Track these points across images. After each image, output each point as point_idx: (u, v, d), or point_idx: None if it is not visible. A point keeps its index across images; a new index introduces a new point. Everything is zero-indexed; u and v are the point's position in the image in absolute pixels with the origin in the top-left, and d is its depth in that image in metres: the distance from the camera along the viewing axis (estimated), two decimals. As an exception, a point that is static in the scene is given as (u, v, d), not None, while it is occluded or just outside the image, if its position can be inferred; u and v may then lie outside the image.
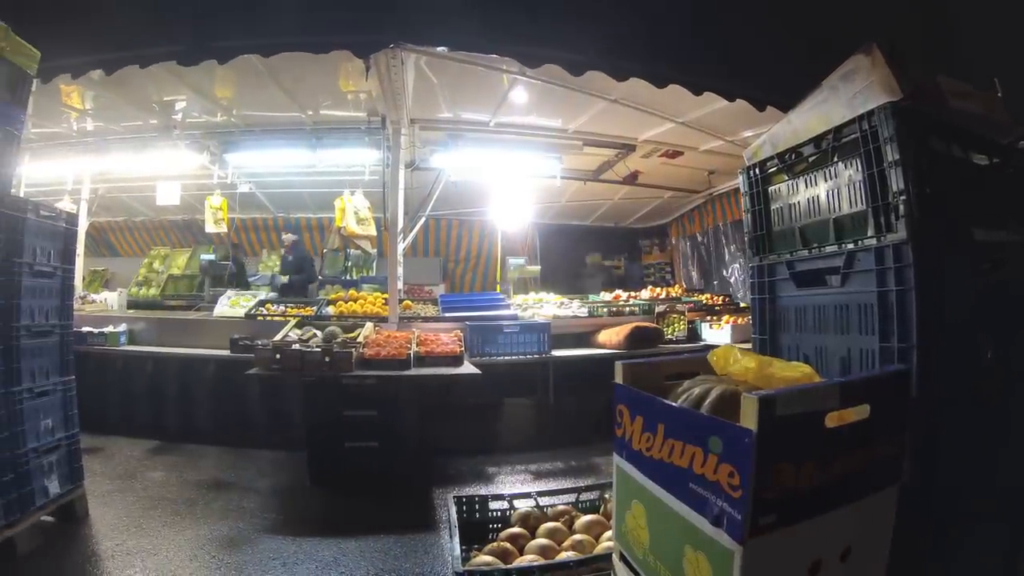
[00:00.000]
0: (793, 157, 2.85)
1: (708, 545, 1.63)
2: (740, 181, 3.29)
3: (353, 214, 7.96)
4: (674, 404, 1.96)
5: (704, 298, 8.73)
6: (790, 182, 2.90)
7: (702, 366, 2.31)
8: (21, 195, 5.58)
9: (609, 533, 3.07)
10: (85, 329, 6.54)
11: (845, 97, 2.57)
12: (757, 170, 3.13)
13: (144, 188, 9.98)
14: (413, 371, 5.05)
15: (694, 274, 11.60)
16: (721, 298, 8.72)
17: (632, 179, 9.03)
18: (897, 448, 1.90)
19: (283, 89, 6.26)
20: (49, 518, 3.93)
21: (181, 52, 4.22)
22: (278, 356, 4.96)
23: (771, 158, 3.02)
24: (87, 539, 3.88)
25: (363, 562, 3.55)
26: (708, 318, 7.35)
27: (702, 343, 6.94)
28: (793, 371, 1.96)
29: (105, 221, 12.09)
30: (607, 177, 9.02)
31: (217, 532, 4.01)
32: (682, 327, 7.12)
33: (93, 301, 8.20)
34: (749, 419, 1.52)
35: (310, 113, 7.15)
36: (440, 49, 4.81)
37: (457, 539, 3.18)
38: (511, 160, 7.84)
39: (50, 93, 6.14)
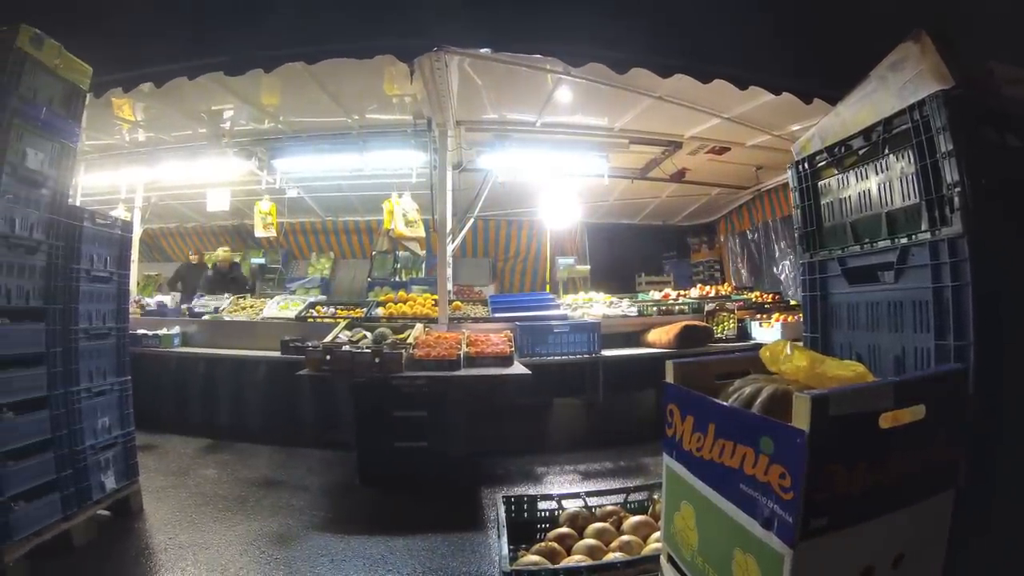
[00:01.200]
0: (843, 150, 2.79)
1: (758, 548, 1.61)
2: (789, 176, 3.24)
3: (401, 216, 8.00)
4: (725, 403, 1.93)
5: (754, 296, 8.57)
6: (840, 176, 2.84)
7: (753, 365, 2.27)
8: (78, 204, 5.77)
9: (657, 534, 3.04)
10: (140, 331, 6.74)
11: (895, 87, 2.50)
12: (806, 164, 3.08)
13: (195, 195, 10.24)
14: (463, 372, 5.07)
15: (743, 272, 11.42)
16: (771, 296, 8.55)
17: (679, 176, 8.91)
18: (953, 450, 1.83)
19: (329, 94, 6.32)
20: (105, 512, 4.06)
21: (228, 63, 4.31)
22: (328, 357, 5.02)
23: (820, 152, 2.96)
24: (141, 533, 4.00)
25: (410, 560, 3.57)
26: (758, 316, 7.21)
27: (752, 342, 6.81)
28: (846, 370, 1.91)
29: (158, 227, 12.41)
30: (654, 175, 8.92)
31: (267, 528, 4.08)
32: (732, 326, 7.02)
33: (148, 305, 8.40)
34: (801, 419, 1.49)
35: (356, 117, 7.20)
36: (483, 51, 4.81)
37: (505, 538, 3.18)
38: (558, 160, 7.80)
39: (102, 106, 6.32)
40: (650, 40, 4.11)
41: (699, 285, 9.70)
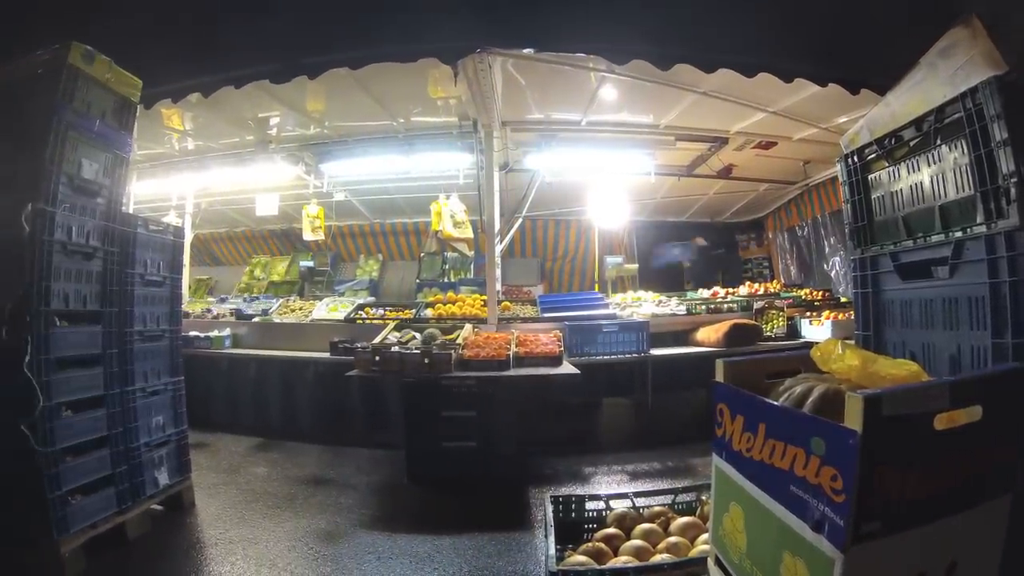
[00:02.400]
0: (893, 142, 2.72)
1: (807, 551, 1.57)
2: (838, 170, 3.17)
3: (449, 217, 8.02)
4: (775, 403, 1.89)
5: (803, 293, 8.39)
6: (891, 168, 2.77)
7: (803, 364, 2.23)
8: (131, 212, 5.97)
9: (705, 536, 3.00)
10: (192, 333, 6.92)
11: (945, 74, 2.42)
12: (855, 157, 3.01)
13: (243, 200, 10.41)
14: (512, 372, 5.08)
15: (793, 268, 11.18)
16: (821, 293, 8.36)
17: (726, 173, 8.79)
18: (1012, 453, 1.76)
19: (373, 99, 6.36)
20: (158, 507, 4.21)
21: (273, 71, 4.39)
22: (378, 358, 5.09)
23: (869, 144, 2.90)
24: (192, 527, 4.13)
25: (457, 559, 3.59)
26: (808, 314, 7.07)
27: (801, 340, 6.68)
28: (899, 369, 1.85)
29: (208, 232, 12.63)
30: (701, 172, 8.79)
31: (315, 525, 4.15)
32: (781, 324, 6.90)
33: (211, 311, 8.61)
34: (853, 419, 1.45)
35: (401, 120, 7.23)
36: (527, 51, 4.81)
37: (553, 538, 3.17)
38: (604, 158, 7.76)
39: (152, 117, 6.52)
40: (693, 35, 4.07)
41: (748, 283, 9.54)
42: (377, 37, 4.20)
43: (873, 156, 2.89)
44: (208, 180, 9.05)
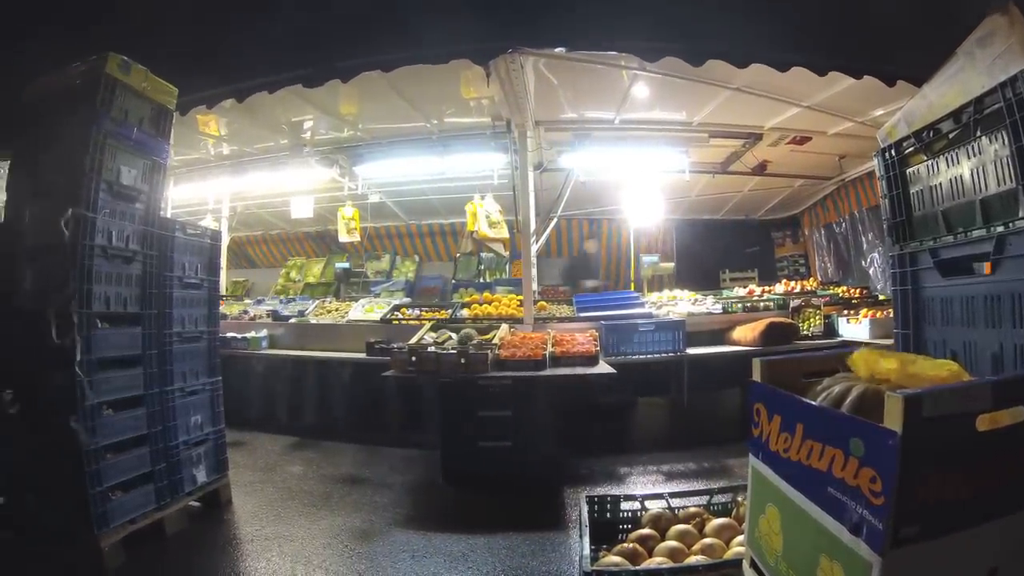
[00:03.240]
0: (931, 135, 2.66)
1: (845, 555, 1.54)
2: (875, 164, 3.11)
3: (485, 218, 8.05)
4: (813, 403, 1.86)
5: (840, 291, 8.24)
6: (929, 162, 2.71)
7: (841, 363, 2.18)
8: (169, 216, 6.11)
9: (740, 538, 2.97)
10: (229, 334, 7.03)
11: (983, 64, 2.36)
12: (892, 151, 2.95)
13: (279, 203, 10.57)
14: (548, 371, 5.08)
15: (830, 266, 10.99)
16: (859, 291, 8.20)
17: (761, 169, 8.70)
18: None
19: (406, 101, 6.40)
20: (196, 503, 4.31)
21: (306, 75, 4.47)
22: (414, 359, 5.13)
23: (907, 137, 2.84)
24: (229, 524, 4.22)
25: (490, 558, 3.60)
26: (845, 312, 6.94)
27: (839, 339, 6.57)
28: (939, 370, 1.81)
29: (244, 235, 12.84)
30: (735, 169, 8.69)
31: (350, 523, 4.21)
32: (818, 322, 6.79)
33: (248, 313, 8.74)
34: (893, 420, 1.42)
35: (435, 122, 7.26)
36: (558, 50, 4.80)
37: (588, 538, 3.16)
38: (638, 156, 7.72)
39: (188, 123, 6.67)
40: (724, 30, 4.03)
41: (784, 280, 9.41)
42: (408, 40, 4.24)
43: (911, 150, 2.83)
44: (243, 184, 9.27)
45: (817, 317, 6.81)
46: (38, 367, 3.47)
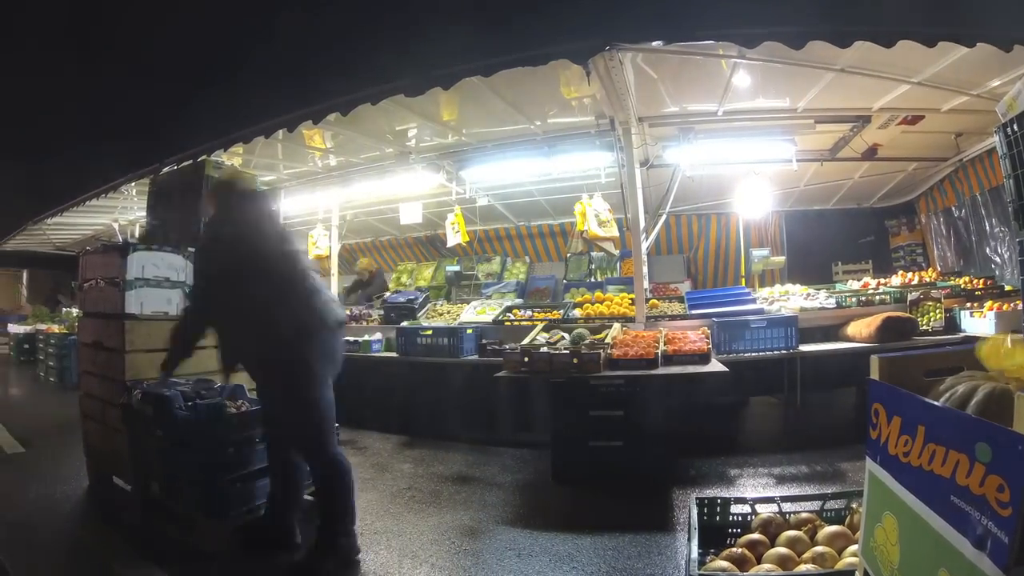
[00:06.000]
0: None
1: (967, 571, 1.42)
2: (996, 141, 2.91)
3: (594, 217, 8.06)
4: (937, 403, 1.75)
5: (962, 282, 7.72)
6: (1060, 139, 2.51)
7: (965, 360, 2.04)
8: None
9: (853, 548, 2.82)
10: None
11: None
12: (1015, 126, 2.76)
13: (387, 210, 10.97)
14: (660, 370, 5.04)
15: (950, 254, 10.29)
16: (983, 281, 7.67)
17: (871, 154, 8.27)
18: None
19: (508, 103, 6.46)
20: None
21: (407, 85, 4.60)
22: (526, 359, 5.21)
23: (1031, 111, 2.64)
24: None
25: (596, 559, 3.59)
26: (968, 305, 6.49)
27: (962, 334, 6.12)
28: (1078, 368, 1.67)
29: (354, 243, 13.32)
30: (844, 155, 8.31)
31: (458, 521, 4.30)
32: (938, 316, 6.37)
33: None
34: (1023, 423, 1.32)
35: (538, 123, 7.29)
36: (655, 44, 4.74)
37: (696, 541, 3.11)
38: (744, 148, 7.58)
39: (296, 139, 7.05)
40: (823, 8, 3.86)
41: (900, 272, 8.95)
42: (505, 43, 4.28)
43: (1038, 126, 2.64)
44: (352, 193, 9.72)
45: (937, 311, 6.41)
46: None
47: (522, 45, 4.27)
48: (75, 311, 13.46)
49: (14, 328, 15.85)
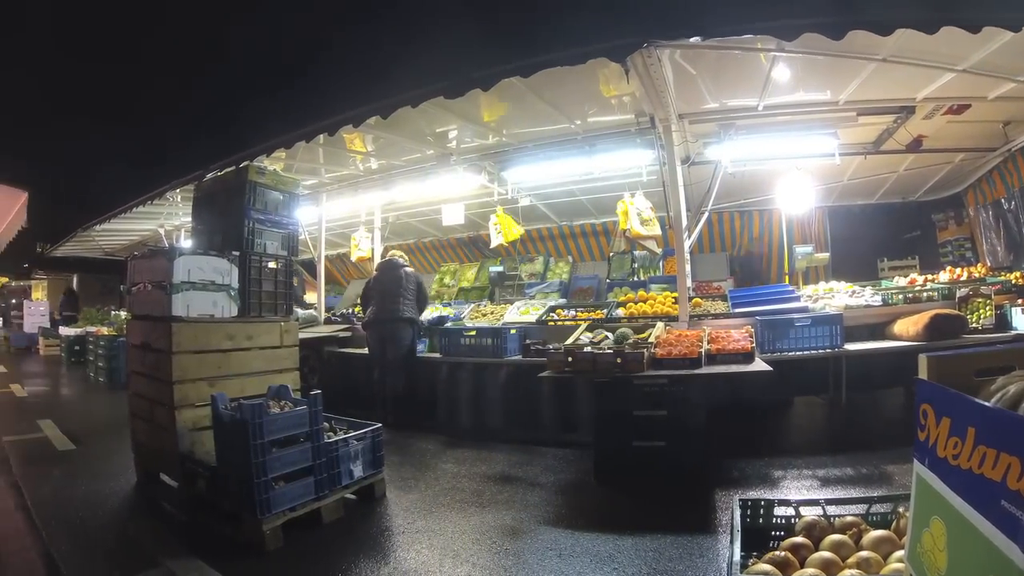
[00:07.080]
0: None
1: (1016, 578, 1.39)
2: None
3: (636, 215, 8.03)
4: (987, 404, 1.71)
5: (1013, 277, 7.50)
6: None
7: (1017, 359, 1.99)
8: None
9: (899, 553, 2.76)
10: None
11: None
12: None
13: (429, 212, 11.08)
14: (704, 370, 5.01)
15: (1000, 248, 9.95)
16: (1035, 276, 7.47)
17: (916, 145, 8.07)
18: None
19: (548, 103, 6.47)
20: (352, 496, 4.63)
21: (447, 87, 4.64)
22: (570, 359, 5.22)
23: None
24: (382, 516, 4.48)
25: (637, 560, 3.58)
26: (1020, 301, 6.29)
27: (1013, 332, 5.94)
28: None
29: (396, 244, 13.41)
30: (888, 147, 8.13)
31: (500, 521, 4.32)
32: (988, 313, 6.17)
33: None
34: (1076, 425, 1.29)
35: (578, 122, 7.30)
36: (693, 39, 4.70)
37: (738, 544, 3.07)
38: (786, 142, 7.47)
39: (337, 143, 7.17)
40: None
41: (948, 267, 8.74)
42: (543, 44, 4.29)
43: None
44: (394, 195, 9.80)
45: (987, 308, 6.23)
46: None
47: (560, 45, 4.28)
48: (123, 314, 13.81)
49: (65, 331, 16.36)
